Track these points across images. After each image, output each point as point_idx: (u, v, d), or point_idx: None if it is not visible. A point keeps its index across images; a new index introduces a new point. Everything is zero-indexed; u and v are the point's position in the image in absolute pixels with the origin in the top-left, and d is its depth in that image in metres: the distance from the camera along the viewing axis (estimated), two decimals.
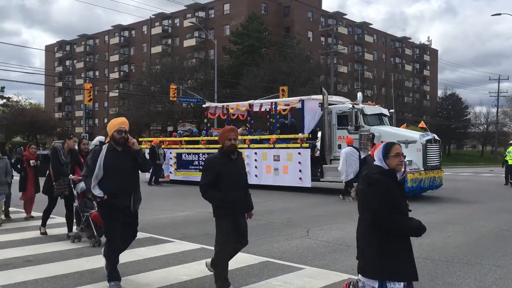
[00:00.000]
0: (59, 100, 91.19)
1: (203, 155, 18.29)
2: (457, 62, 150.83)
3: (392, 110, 17.40)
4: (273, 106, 17.50)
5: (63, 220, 8.62)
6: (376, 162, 3.81)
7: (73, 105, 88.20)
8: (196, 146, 19.33)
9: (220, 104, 20.46)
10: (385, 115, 16.23)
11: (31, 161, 10.12)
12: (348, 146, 13.90)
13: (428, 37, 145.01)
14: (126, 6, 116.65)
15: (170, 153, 19.86)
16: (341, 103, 16.55)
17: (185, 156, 19.35)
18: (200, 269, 5.92)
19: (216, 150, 19.86)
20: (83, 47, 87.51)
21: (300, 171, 15.56)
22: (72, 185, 7.77)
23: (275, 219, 10.22)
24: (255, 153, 16.89)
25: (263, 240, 8.02)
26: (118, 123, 5.35)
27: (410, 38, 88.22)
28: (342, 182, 14.30)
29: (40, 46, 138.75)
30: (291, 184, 15.90)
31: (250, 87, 46.25)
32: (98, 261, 6.37)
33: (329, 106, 15.47)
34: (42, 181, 8.95)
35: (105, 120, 75.31)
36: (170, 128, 58.50)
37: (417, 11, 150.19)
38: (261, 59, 50.58)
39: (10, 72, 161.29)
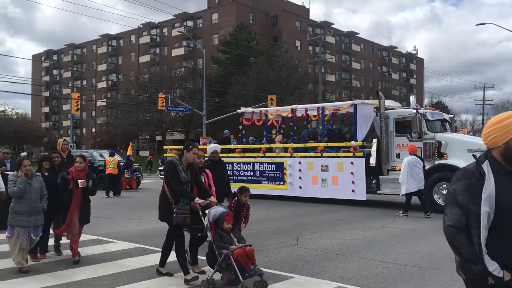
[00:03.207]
0: (46, 109, 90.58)
1: (238, 165, 17.00)
2: (443, 71, 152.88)
3: (451, 115, 15.97)
4: (321, 111, 15.79)
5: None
6: None
7: (61, 115, 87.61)
8: (230, 154, 17.36)
9: (257, 110, 18.97)
10: (446, 121, 14.65)
11: (79, 181, 7.06)
12: (411, 155, 12.17)
13: (414, 46, 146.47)
14: (111, 15, 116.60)
15: None
16: (394, 108, 15.22)
17: None
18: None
19: (253, 159, 16.72)
20: (71, 56, 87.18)
21: (353, 182, 14.07)
22: (201, 213, 5.96)
23: (264, 228, 10.22)
24: (299, 162, 15.44)
25: None
26: None
27: (396, 47, 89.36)
28: (400, 195, 12.63)
29: (25, 55, 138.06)
30: (342, 197, 14.48)
31: (238, 96, 46.41)
32: (85, 272, 6.32)
33: (385, 111, 14.10)
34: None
35: (93, 130, 74.88)
36: (158, 137, 58.35)
37: (402, 20, 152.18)
38: (250, 68, 50.83)
39: None
